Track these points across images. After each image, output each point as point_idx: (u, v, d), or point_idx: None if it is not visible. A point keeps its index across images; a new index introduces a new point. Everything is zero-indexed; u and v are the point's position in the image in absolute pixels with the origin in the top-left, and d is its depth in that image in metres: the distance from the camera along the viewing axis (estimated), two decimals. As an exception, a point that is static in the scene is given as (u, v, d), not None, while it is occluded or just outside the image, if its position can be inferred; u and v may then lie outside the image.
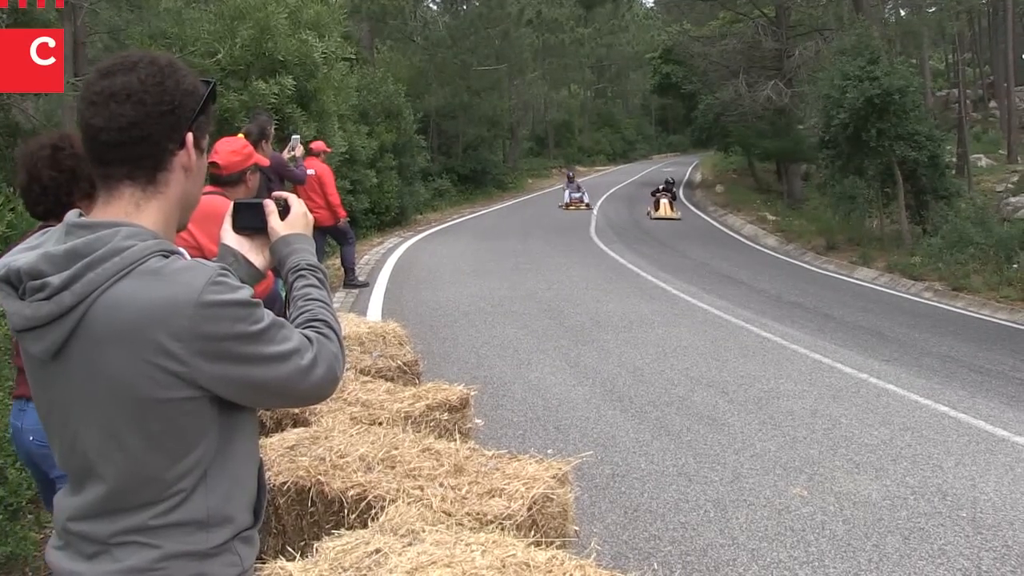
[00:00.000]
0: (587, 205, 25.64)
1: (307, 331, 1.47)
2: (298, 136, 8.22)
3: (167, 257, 1.35)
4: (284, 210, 1.66)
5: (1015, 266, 12.98)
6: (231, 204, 1.68)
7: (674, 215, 23.42)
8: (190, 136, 1.42)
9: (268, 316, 1.38)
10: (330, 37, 12.99)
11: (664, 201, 23.58)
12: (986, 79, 40.12)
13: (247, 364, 1.35)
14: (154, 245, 1.34)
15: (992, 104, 37.44)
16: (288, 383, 1.40)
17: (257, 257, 1.64)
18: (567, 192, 26.38)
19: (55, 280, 1.30)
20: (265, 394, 1.42)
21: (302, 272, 1.59)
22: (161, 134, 1.38)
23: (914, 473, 5.14)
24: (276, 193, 1.71)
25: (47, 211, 2.62)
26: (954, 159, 24.20)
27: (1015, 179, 24.20)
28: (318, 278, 1.60)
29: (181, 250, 1.43)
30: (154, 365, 1.30)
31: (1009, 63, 30.44)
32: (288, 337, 1.40)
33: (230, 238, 1.63)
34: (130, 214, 1.39)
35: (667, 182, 25.51)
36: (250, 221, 1.65)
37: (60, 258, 1.32)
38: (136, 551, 1.34)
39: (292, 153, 7.75)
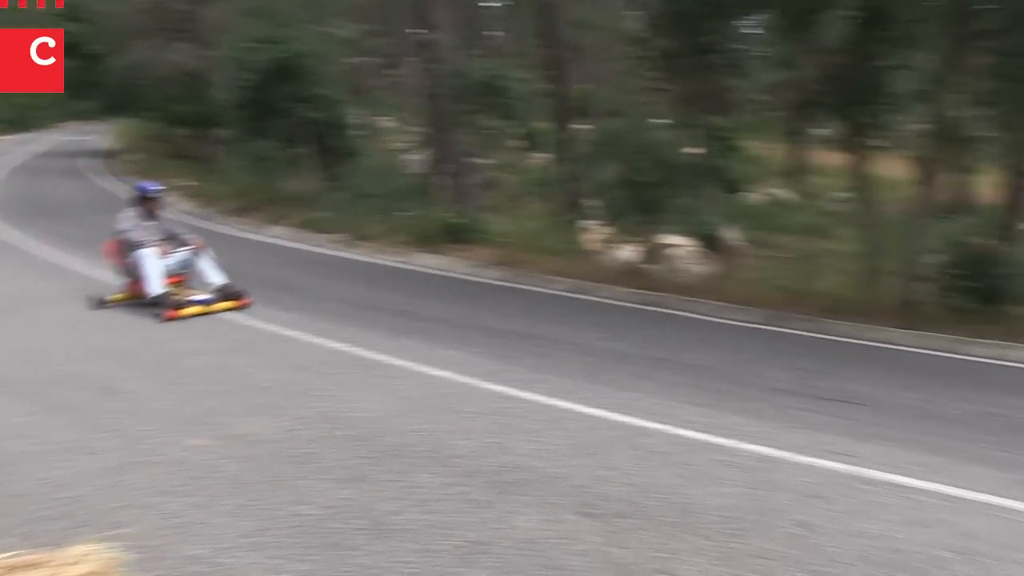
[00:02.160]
0: (231, 293, 8.68)
1: None
2: None
3: None
4: None
5: (401, 214, 14.75)
6: None
7: None
8: None
9: None
10: None
11: None
12: (390, 50, 44.50)
13: None
14: None
15: (394, 71, 41.72)
16: None
17: None
18: (148, 255, 8.43)
19: None
20: None
21: None
22: None
23: (307, 406, 5.61)
24: None
25: None
26: (360, 121, 26.47)
27: (411, 139, 27.50)
28: None
29: None
30: None
31: (404, 37, 34.20)
32: None
33: None
34: None
35: None
36: None
37: None
38: None
39: None
